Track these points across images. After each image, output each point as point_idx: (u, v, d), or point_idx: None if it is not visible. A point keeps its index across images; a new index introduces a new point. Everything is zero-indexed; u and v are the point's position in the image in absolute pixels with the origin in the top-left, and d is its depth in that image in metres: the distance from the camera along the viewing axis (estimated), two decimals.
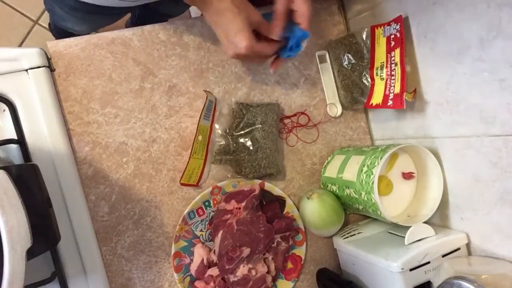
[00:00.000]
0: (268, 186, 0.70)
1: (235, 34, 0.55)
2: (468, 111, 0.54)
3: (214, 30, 0.58)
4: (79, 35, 0.66)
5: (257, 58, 0.59)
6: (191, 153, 0.66)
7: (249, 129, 0.69)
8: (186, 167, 0.66)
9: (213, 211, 0.68)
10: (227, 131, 0.70)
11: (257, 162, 0.68)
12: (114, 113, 0.66)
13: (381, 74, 0.65)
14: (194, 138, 0.67)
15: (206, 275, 0.65)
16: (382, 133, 0.75)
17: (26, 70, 0.60)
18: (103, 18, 0.76)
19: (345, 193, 0.65)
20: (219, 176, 0.70)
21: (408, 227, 0.58)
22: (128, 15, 1.16)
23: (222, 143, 0.69)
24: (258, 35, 0.58)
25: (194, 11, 1.18)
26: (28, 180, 0.44)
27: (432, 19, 0.56)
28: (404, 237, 0.58)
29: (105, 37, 0.66)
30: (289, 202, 0.71)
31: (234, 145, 0.69)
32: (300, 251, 0.71)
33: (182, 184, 0.67)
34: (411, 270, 0.55)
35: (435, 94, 0.59)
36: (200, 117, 0.67)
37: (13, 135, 0.59)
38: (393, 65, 0.63)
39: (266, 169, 0.68)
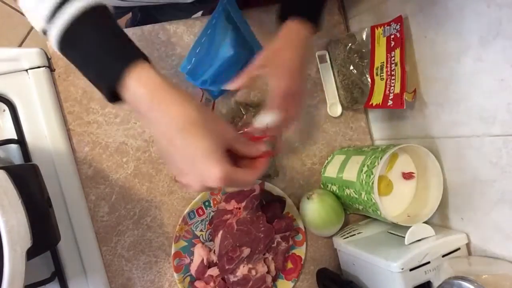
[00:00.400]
0: (268, 186, 0.70)
1: (203, 161, 0.38)
2: (468, 111, 0.54)
3: (165, 150, 0.40)
4: None
5: (237, 186, 0.46)
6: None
7: None
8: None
9: (213, 211, 0.68)
10: None
11: None
12: (114, 113, 0.66)
13: (381, 74, 0.65)
14: None
15: (206, 275, 0.65)
16: (382, 133, 0.75)
17: (26, 70, 0.60)
18: None
19: (345, 193, 0.65)
20: None
21: (408, 227, 0.58)
22: (129, 15, 1.16)
23: None
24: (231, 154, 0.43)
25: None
26: (28, 180, 0.44)
27: (432, 19, 0.56)
28: (404, 237, 0.58)
29: None
30: (289, 202, 0.71)
31: None
32: (300, 251, 0.71)
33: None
34: (411, 270, 0.55)
35: (435, 94, 0.59)
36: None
37: (13, 135, 0.59)
38: (393, 65, 0.63)
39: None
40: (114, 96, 0.39)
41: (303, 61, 0.53)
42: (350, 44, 0.70)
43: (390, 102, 0.62)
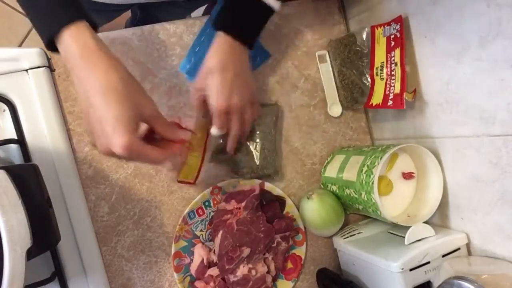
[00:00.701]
0: (268, 186, 0.70)
1: (112, 127, 0.40)
2: (468, 111, 0.54)
3: (85, 109, 0.44)
4: None
5: (142, 160, 0.46)
6: (189, 150, 0.66)
7: None
8: (183, 164, 0.66)
9: (213, 211, 0.68)
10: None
11: (254, 162, 0.68)
12: None
13: (381, 74, 0.65)
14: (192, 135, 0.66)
15: (206, 275, 0.65)
16: (382, 133, 0.75)
17: (26, 70, 0.60)
18: (97, 16, 0.76)
19: (345, 193, 0.65)
20: (217, 175, 0.70)
21: (408, 227, 0.58)
22: (128, 15, 1.16)
23: (220, 142, 0.69)
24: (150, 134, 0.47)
25: (193, 12, 1.17)
26: (28, 180, 0.44)
27: (432, 19, 0.56)
28: (404, 237, 0.58)
29: (105, 37, 0.66)
30: (289, 202, 0.71)
31: None
32: (300, 251, 0.71)
33: (180, 182, 0.67)
34: (411, 270, 0.55)
35: (435, 94, 0.59)
36: (197, 114, 0.67)
37: (13, 135, 0.59)
38: (393, 65, 0.63)
39: (263, 170, 0.68)
40: (53, 46, 0.43)
41: (235, 78, 0.55)
42: (350, 44, 0.70)
43: (390, 102, 0.62)
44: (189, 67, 0.67)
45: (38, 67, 0.61)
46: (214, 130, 0.60)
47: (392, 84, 0.63)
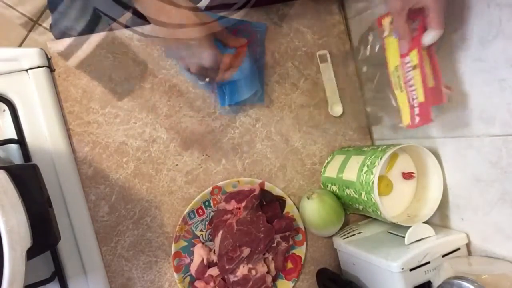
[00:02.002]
0: (268, 186, 0.70)
1: (199, 46, 0.56)
2: (468, 111, 0.54)
3: (170, 43, 0.59)
4: (78, 35, 0.66)
5: (220, 71, 0.60)
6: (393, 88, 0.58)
7: None
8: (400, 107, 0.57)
9: (213, 211, 0.68)
10: None
11: None
12: (114, 113, 0.66)
13: (400, 83, 0.57)
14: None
15: (206, 275, 0.65)
16: (382, 133, 0.75)
17: (26, 70, 0.60)
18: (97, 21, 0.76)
19: (345, 193, 0.65)
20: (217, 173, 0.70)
21: (408, 227, 0.58)
22: (128, 15, 1.16)
23: None
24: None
25: None
26: (28, 180, 0.44)
27: None
28: (404, 237, 0.58)
29: (105, 37, 0.66)
30: (289, 202, 0.71)
31: None
32: (300, 251, 0.71)
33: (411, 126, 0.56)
34: (411, 270, 0.55)
35: None
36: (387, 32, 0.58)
37: (13, 135, 0.59)
38: (409, 69, 0.54)
39: None
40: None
41: None
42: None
43: (417, 119, 0.54)
44: (227, 98, 0.67)
45: (38, 67, 0.61)
46: (434, 32, 0.50)
47: (414, 96, 0.54)
